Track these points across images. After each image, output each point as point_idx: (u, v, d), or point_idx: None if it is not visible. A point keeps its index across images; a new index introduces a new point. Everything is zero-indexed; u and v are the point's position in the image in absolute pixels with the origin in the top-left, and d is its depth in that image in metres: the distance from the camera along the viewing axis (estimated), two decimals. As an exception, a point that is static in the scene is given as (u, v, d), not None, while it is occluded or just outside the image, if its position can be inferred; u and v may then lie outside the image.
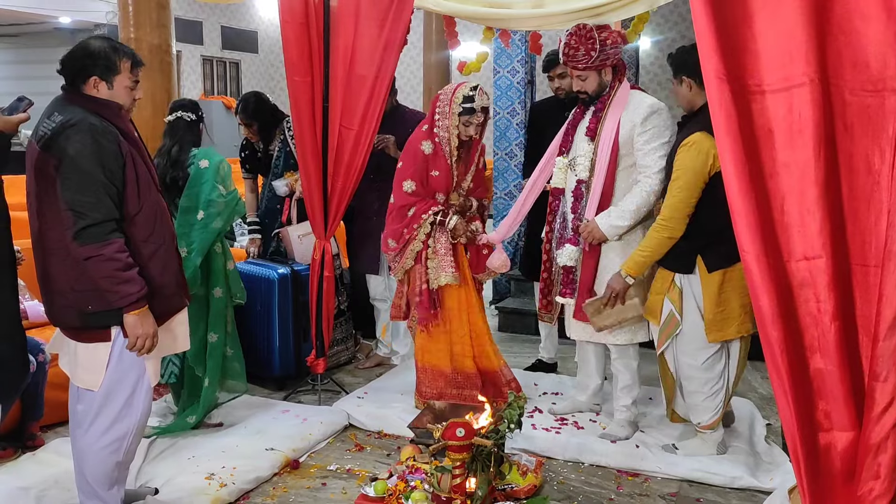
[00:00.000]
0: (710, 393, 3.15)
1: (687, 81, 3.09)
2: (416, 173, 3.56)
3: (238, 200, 3.56)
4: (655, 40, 11.22)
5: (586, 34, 3.25)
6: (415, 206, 3.54)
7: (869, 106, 1.61)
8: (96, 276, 2.37)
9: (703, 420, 3.20)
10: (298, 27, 3.66)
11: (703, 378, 3.14)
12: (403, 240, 3.57)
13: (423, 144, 3.56)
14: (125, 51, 2.52)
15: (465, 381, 3.66)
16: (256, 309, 4.13)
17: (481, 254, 3.64)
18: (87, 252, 2.33)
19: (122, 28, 4.36)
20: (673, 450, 3.28)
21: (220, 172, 3.49)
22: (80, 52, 2.47)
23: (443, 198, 3.58)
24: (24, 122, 2.43)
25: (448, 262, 3.53)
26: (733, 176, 1.69)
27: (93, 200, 2.34)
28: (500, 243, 3.61)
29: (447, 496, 2.63)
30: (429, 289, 3.56)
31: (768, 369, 1.73)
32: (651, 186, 3.22)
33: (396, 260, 3.63)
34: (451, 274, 3.53)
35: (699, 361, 3.13)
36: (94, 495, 2.60)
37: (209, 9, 13.36)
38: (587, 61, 3.26)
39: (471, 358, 3.65)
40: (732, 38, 1.68)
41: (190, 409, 3.54)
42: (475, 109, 3.47)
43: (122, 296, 2.38)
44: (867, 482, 1.66)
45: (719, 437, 3.24)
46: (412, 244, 3.56)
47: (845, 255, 1.68)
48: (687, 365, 3.16)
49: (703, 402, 3.17)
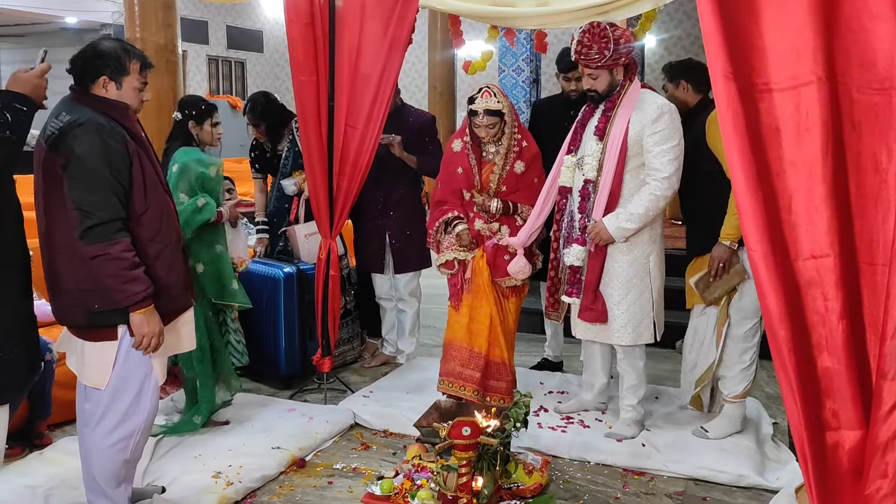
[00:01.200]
0: (747, 362, 3.32)
1: (684, 84, 3.50)
2: (444, 171, 3.68)
3: (194, 212, 3.33)
4: (661, 38, 11.18)
5: (600, 32, 3.23)
6: (435, 210, 3.65)
7: (876, 104, 1.61)
8: (102, 275, 2.37)
9: (736, 390, 3.35)
10: (304, 26, 3.66)
11: (743, 347, 3.31)
12: (433, 238, 3.69)
13: (453, 143, 3.65)
14: (135, 52, 2.53)
15: (469, 359, 3.59)
16: (262, 308, 4.14)
17: (500, 258, 3.54)
18: (94, 251, 2.34)
19: (128, 28, 4.38)
20: (703, 432, 3.39)
21: (187, 177, 3.35)
22: (90, 52, 2.48)
23: (468, 195, 3.60)
24: (47, 72, 2.34)
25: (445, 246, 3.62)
26: (740, 174, 1.69)
27: (99, 200, 2.34)
28: (521, 249, 3.52)
29: (453, 495, 2.63)
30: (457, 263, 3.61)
31: (775, 368, 1.73)
32: (660, 190, 3.21)
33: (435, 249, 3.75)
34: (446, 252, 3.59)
35: (742, 331, 3.29)
36: (102, 493, 2.61)
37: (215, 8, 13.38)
38: (600, 60, 3.25)
39: (485, 339, 3.57)
40: (739, 36, 1.67)
41: (194, 408, 3.54)
42: (476, 111, 3.46)
43: (127, 295, 2.39)
44: (875, 481, 1.65)
45: (742, 413, 3.41)
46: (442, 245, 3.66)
47: (853, 254, 1.67)
48: (733, 334, 3.31)
49: (739, 371, 3.33)
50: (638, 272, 3.33)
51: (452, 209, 3.59)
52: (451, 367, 3.59)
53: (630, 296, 3.34)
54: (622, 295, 3.34)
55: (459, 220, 3.57)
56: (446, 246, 3.61)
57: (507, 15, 3.70)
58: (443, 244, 3.63)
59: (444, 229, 3.63)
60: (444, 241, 3.63)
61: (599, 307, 3.36)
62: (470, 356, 3.57)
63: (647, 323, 3.35)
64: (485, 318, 3.56)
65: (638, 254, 3.32)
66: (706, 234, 3.29)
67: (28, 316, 2.47)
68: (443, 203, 3.64)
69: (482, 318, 3.57)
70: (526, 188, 3.60)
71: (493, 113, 3.46)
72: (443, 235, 3.63)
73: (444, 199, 3.64)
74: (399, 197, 4.34)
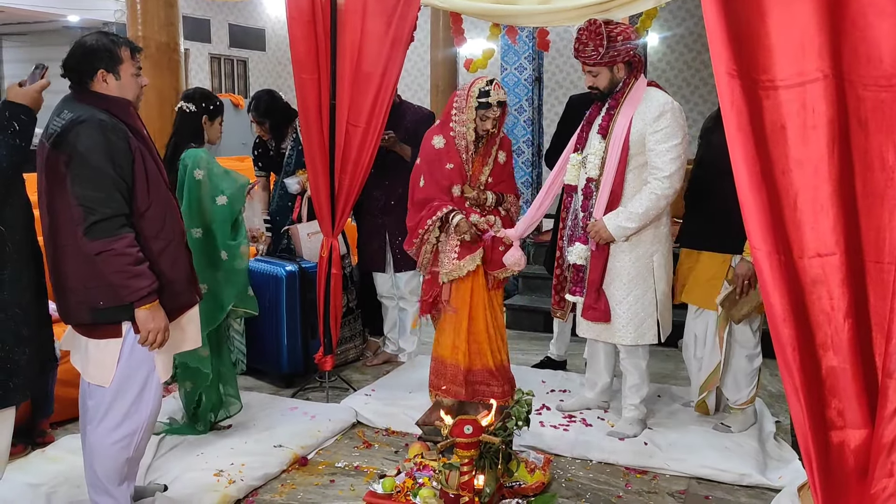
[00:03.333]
0: (752, 370, 3.31)
1: None
2: (428, 169, 3.55)
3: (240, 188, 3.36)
4: (664, 36, 11.15)
5: (595, 29, 3.23)
6: (425, 209, 3.53)
7: (883, 101, 1.59)
8: (107, 271, 2.37)
9: (743, 397, 3.35)
10: (305, 25, 3.66)
11: (746, 352, 3.29)
12: (418, 239, 3.57)
13: (434, 140, 3.55)
14: (121, 40, 2.53)
15: (481, 377, 3.62)
16: (264, 306, 4.13)
17: (496, 250, 3.57)
18: (98, 247, 2.34)
19: (130, 26, 4.37)
20: (726, 428, 3.40)
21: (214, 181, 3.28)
22: (80, 51, 2.48)
23: (459, 190, 3.57)
24: (46, 88, 2.42)
25: (451, 258, 3.52)
26: (745, 172, 1.68)
27: (103, 196, 2.34)
28: (518, 241, 3.56)
29: (455, 493, 2.63)
30: (440, 284, 3.56)
31: (779, 367, 1.72)
32: (662, 190, 3.19)
33: (417, 256, 3.65)
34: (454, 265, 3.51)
35: (744, 336, 3.27)
36: (104, 491, 2.60)
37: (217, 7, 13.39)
38: (596, 57, 3.25)
39: (488, 355, 3.61)
40: (744, 33, 1.66)
41: (196, 415, 3.50)
42: (491, 104, 3.44)
43: (132, 290, 2.38)
44: (880, 480, 1.64)
45: (754, 410, 3.45)
46: (426, 245, 3.56)
47: (859, 252, 1.66)
48: (738, 343, 3.29)
49: (744, 377, 3.32)
50: (641, 272, 3.32)
51: (443, 205, 3.51)
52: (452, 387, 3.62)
53: (632, 295, 3.33)
54: (624, 294, 3.33)
55: (455, 212, 3.50)
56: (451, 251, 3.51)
57: (509, 13, 3.70)
58: (444, 247, 3.53)
59: (438, 227, 3.51)
60: (446, 245, 3.53)
61: (602, 306, 3.36)
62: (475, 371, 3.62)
63: (651, 323, 3.34)
64: (483, 333, 3.59)
65: (641, 253, 3.31)
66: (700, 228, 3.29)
67: (40, 315, 2.47)
68: (429, 200, 3.53)
69: (480, 332, 3.59)
70: (508, 178, 3.68)
71: (503, 104, 3.49)
72: (436, 234, 3.52)
73: (431, 197, 3.52)
74: (399, 195, 4.32)
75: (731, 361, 3.32)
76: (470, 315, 3.58)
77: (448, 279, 3.54)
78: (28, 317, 2.39)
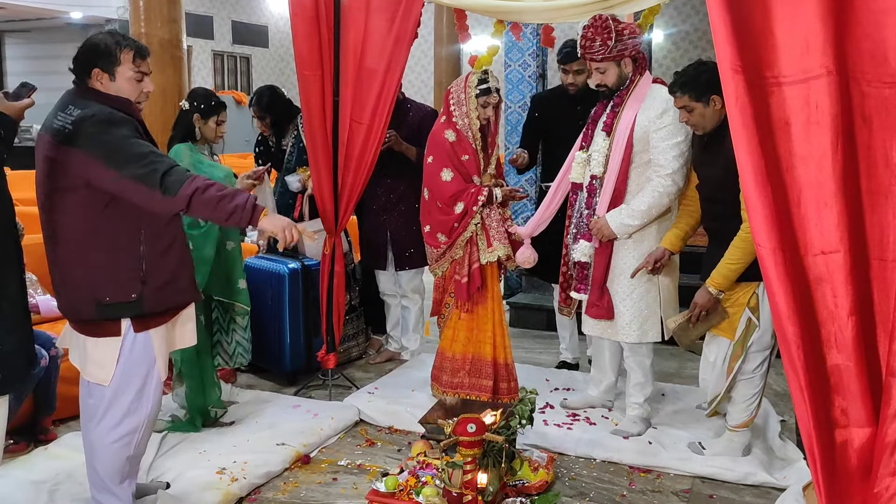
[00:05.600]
0: (753, 394, 3.11)
1: (716, 100, 2.90)
2: (449, 161, 3.54)
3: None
4: (668, 33, 11.13)
5: (602, 24, 3.22)
6: (462, 200, 3.50)
7: (887, 98, 1.58)
8: (208, 210, 2.33)
9: (739, 420, 3.15)
10: (308, 21, 3.65)
11: (754, 381, 3.09)
12: (456, 233, 3.55)
13: (445, 134, 3.56)
14: (128, 42, 2.51)
15: (479, 369, 3.63)
16: (267, 304, 4.14)
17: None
18: (185, 194, 2.28)
19: (133, 23, 4.38)
20: (700, 448, 3.23)
21: None
22: (84, 46, 2.50)
23: (478, 180, 3.59)
24: (29, 108, 2.39)
25: (502, 233, 3.54)
26: (749, 169, 1.67)
27: (148, 158, 2.32)
28: (528, 238, 3.58)
29: (458, 492, 2.62)
30: (480, 266, 3.55)
31: (784, 365, 1.71)
32: (664, 187, 3.18)
33: (443, 254, 3.61)
34: (504, 246, 3.53)
35: (753, 365, 3.07)
36: (106, 489, 2.60)
37: (220, 3, 13.41)
38: (604, 52, 3.23)
39: (490, 345, 3.62)
40: (749, 29, 1.65)
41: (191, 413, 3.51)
42: (490, 90, 3.49)
43: (240, 205, 2.33)
44: (884, 479, 1.64)
45: (746, 440, 3.19)
46: (463, 234, 3.54)
47: (863, 250, 1.65)
48: (745, 370, 3.09)
49: (744, 402, 3.13)
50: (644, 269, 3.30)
51: (476, 188, 3.51)
52: (458, 379, 3.63)
53: (636, 293, 3.31)
54: (628, 291, 3.32)
55: (491, 188, 3.53)
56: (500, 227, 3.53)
57: (514, 9, 3.68)
58: (491, 231, 3.52)
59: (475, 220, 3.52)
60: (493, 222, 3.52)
61: (605, 304, 3.35)
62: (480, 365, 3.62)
63: (654, 321, 3.33)
64: (488, 324, 3.60)
65: (645, 250, 3.29)
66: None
67: (24, 308, 2.46)
68: (464, 191, 3.50)
69: (486, 325, 3.60)
70: (499, 166, 3.73)
71: (499, 90, 3.56)
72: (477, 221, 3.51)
73: (463, 188, 3.51)
74: (401, 193, 4.31)
75: (737, 389, 3.15)
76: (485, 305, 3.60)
77: (490, 260, 3.53)
78: (15, 310, 2.38)
